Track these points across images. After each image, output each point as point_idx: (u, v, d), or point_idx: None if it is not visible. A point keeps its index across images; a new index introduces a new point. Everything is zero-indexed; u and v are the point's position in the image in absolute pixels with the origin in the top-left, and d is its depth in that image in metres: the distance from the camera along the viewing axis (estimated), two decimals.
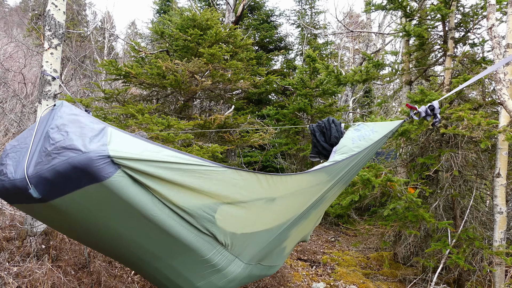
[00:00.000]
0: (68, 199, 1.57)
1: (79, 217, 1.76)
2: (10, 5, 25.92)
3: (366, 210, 7.06)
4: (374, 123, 2.39)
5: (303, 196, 2.24)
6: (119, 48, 17.39)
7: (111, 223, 1.77)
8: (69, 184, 1.51)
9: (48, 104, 3.80)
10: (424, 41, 5.10)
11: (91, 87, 9.21)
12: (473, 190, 4.47)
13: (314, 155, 2.58)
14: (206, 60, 5.00)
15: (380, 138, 2.32)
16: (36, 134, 1.63)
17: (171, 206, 1.65)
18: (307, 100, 7.55)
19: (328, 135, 2.46)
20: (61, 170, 1.46)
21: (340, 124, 2.48)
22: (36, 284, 3.15)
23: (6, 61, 9.04)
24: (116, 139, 1.52)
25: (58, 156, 1.47)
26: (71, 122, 1.56)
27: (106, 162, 1.43)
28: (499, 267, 3.88)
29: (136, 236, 1.81)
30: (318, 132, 2.51)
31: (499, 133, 3.77)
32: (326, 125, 2.48)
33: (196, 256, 1.90)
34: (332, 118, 2.53)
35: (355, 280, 4.58)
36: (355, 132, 2.36)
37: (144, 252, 1.96)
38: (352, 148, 2.29)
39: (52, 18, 3.83)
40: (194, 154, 4.32)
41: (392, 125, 2.32)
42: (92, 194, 1.53)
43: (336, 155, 2.33)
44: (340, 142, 2.38)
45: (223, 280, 2.16)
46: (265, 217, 2.14)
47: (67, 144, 1.46)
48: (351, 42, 15.48)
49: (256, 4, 11.35)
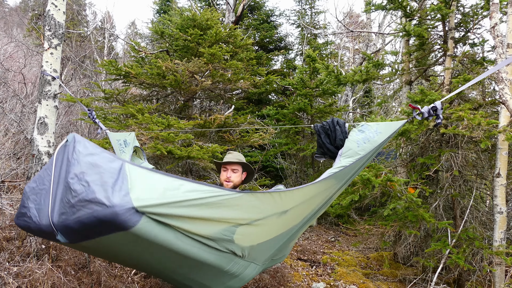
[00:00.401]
0: (95, 241, 1.66)
1: (105, 250, 1.88)
2: (10, 5, 25.91)
3: (366, 210, 7.06)
4: (378, 124, 2.36)
5: (314, 201, 2.32)
6: (119, 48, 17.40)
7: (139, 255, 1.87)
8: (96, 232, 1.58)
9: (48, 104, 3.80)
10: (424, 41, 5.10)
11: (91, 87, 9.21)
12: (473, 190, 4.47)
13: (320, 155, 2.58)
14: (206, 60, 5.00)
15: (384, 139, 2.32)
16: (54, 175, 1.66)
17: (193, 236, 1.73)
18: (307, 100, 7.54)
19: (333, 137, 2.43)
20: (87, 222, 1.51)
21: (344, 124, 2.45)
22: (36, 284, 3.15)
23: (6, 61, 9.04)
24: (137, 183, 1.56)
25: (83, 209, 1.51)
26: (89, 168, 1.57)
27: (131, 213, 1.48)
28: (499, 267, 3.88)
29: (161, 262, 1.92)
30: (323, 133, 2.48)
31: (499, 133, 3.76)
32: (331, 126, 2.45)
33: (217, 270, 2.02)
34: (337, 119, 2.48)
35: (355, 280, 4.57)
36: (359, 133, 2.35)
37: (169, 272, 2.10)
38: (357, 152, 2.31)
39: (52, 18, 3.83)
40: (194, 154, 4.32)
41: (395, 126, 2.30)
42: (118, 238, 1.60)
43: (342, 159, 2.35)
44: (345, 145, 2.38)
45: (240, 282, 2.30)
46: (279, 225, 2.24)
47: (90, 197, 1.50)
48: (351, 42, 15.48)
49: (256, 4, 11.35)
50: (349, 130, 2.45)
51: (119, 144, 2.99)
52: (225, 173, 2.77)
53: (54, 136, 3.89)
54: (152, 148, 4.16)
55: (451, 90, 4.62)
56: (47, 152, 3.81)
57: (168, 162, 4.85)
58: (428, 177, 4.66)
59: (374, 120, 4.34)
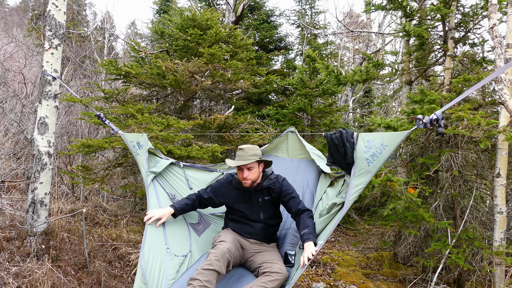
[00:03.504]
0: None
1: None
2: (10, 5, 25.91)
3: (366, 210, 7.06)
4: (382, 136, 2.35)
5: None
6: (119, 48, 17.39)
7: None
8: None
9: (49, 104, 3.80)
10: (424, 41, 5.10)
11: (91, 87, 9.20)
12: (473, 190, 4.47)
13: (331, 164, 2.60)
14: (206, 60, 5.00)
15: (391, 152, 2.34)
16: None
17: None
18: (307, 100, 7.54)
19: (342, 153, 2.44)
20: None
21: (352, 136, 2.42)
22: (36, 284, 3.15)
23: (6, 61, 9.04)
24: None
25: None
26: None
27: None
28: (499, 267, 3.88)
29: None
30: (333, 146, 2.48)
31: (499, 133, 3.76)
32: (340, 142, 2.44)
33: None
34: (345, 135, 2.43)
35: (355, 280, 4.57)
36: (368, 150, 2.36)
37: None
38: (369, 170, 2.37)
39: (53, 18, 3.83)
40: (194, 153, 4.32)
41: (400, 137, 2.30)
42: None
43: (356, 178, 2.41)
44: (357, 165, 2.41)
45: None
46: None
47: None
48: (351, 42, 15.48)
49: (256, 4, 11.35)
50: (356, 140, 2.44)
51: (132, 146, 2.98)
52: (241, 173, 2.78)
53: (54, 136, 3.89)
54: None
55: (451, 90, 4.62)
56: (47, 152, 3.81)
57: None
58: (428, 177, 4.66)
59: (373, 120, 4.34)
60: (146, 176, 2.92)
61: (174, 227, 2.78)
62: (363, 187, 2.37)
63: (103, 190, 5.69)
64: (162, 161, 3.16)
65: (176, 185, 3.17)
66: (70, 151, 4.73)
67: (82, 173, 4.60)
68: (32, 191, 3.75)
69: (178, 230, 2.80)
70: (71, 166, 6.36)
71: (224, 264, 2.41)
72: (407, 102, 5.16)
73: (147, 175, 2.96)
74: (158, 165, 3.11)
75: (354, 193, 2.38)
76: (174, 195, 3.07)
